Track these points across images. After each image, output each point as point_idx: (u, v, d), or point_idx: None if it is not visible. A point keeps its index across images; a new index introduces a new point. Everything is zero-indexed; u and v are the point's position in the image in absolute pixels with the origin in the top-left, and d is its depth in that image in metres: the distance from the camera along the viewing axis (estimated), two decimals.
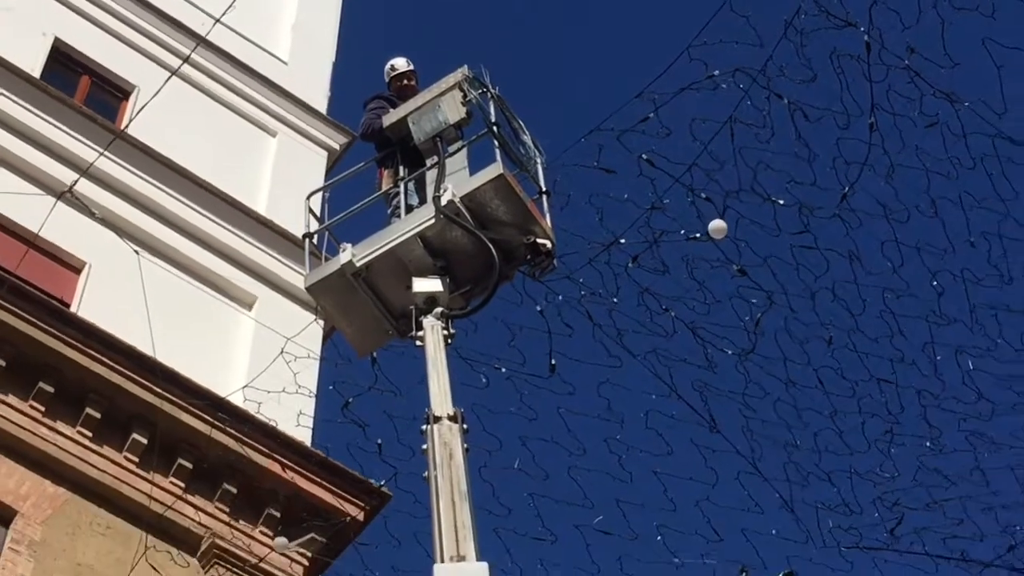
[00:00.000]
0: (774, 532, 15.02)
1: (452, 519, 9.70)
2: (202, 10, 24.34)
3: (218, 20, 18.77)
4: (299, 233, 15.99)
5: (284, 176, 24.52)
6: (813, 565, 14.59)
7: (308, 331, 19.87)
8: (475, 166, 12.47)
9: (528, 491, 14.76)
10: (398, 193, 13.10)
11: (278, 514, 19.73)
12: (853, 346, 13.73)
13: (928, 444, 13.80)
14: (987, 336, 13.37)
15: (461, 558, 9.31)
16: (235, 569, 19.09)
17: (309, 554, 19.74)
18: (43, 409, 18.94)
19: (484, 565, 9.10)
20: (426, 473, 10.49)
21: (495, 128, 12.58)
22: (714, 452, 14.75)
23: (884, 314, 13.58)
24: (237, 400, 19.45)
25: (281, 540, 18.24)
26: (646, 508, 15.13)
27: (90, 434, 19.11)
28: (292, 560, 19.59)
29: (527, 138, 12.96)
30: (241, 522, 19.58)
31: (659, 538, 15.08)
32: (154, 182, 22.48)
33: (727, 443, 14.55)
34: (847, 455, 14.22)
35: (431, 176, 12.56)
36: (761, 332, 13.68)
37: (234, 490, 19.62)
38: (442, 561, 9.29)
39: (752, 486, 14.83)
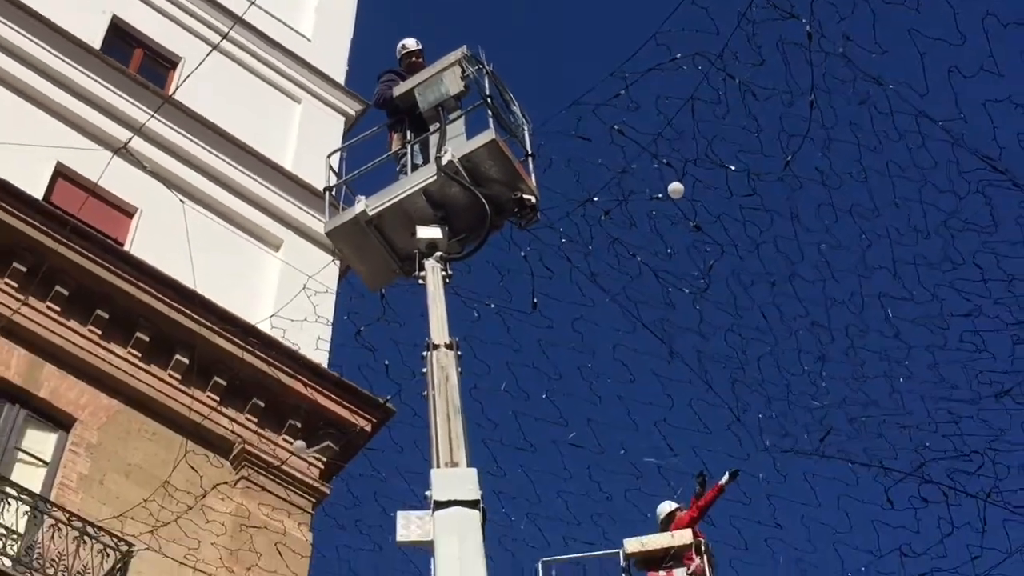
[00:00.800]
0: (719, 449, 15.11)
1: (447, 431, 9.67)
2: None
3: (253, 2, 18.70)
4: (320, 186, 15.95)
5: (307, 137, 24.42)
6: (754, 467, 14.68)
7: (326, 270, 19.87)
8: (471, 132, 12.42)
9: (512, 410, 14.78)
10: (405, 154, 13.04)
11: (299, 424, 19.79)
12: (793, 290, 13.75)
13: (853, 373, 13.84)
14: (905, 286, 13.39)
15: (454, 464, 9.28)
16: (261, 470, 19.16)
17: (324, 459, 19.83)
18: (100, 333, 18.95)
19: (473, 470, 9.09)
20: (425, 392, 10.45)
21: (489, 100, 12.53)
22: (671, 381, 14.79)
23: (819, 264, 13.60)
24: (265, 327, 19.46)
25: (300, 444, 18.32)
26: (611, 427, 15.18)
27: (139, 354, 19.14)
28: (310, 463, 19.67)
29: (516, 109, 12.91)
30: (267, 431, 19.65)
31: (622, 452, 15.15)
32: (196, 140, 22.41)
33: (683, 372, 14.57)
34: (784, 382, 14.26)
35: (434, 140, 12.51)
36: (713, 277, 13.70)
37: (261, 404, 19.68)
38: (438, 466, 9.26)
39: (702, 410, 14.87)
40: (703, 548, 14.51)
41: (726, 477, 14.97)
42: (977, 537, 13.67)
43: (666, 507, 15.32)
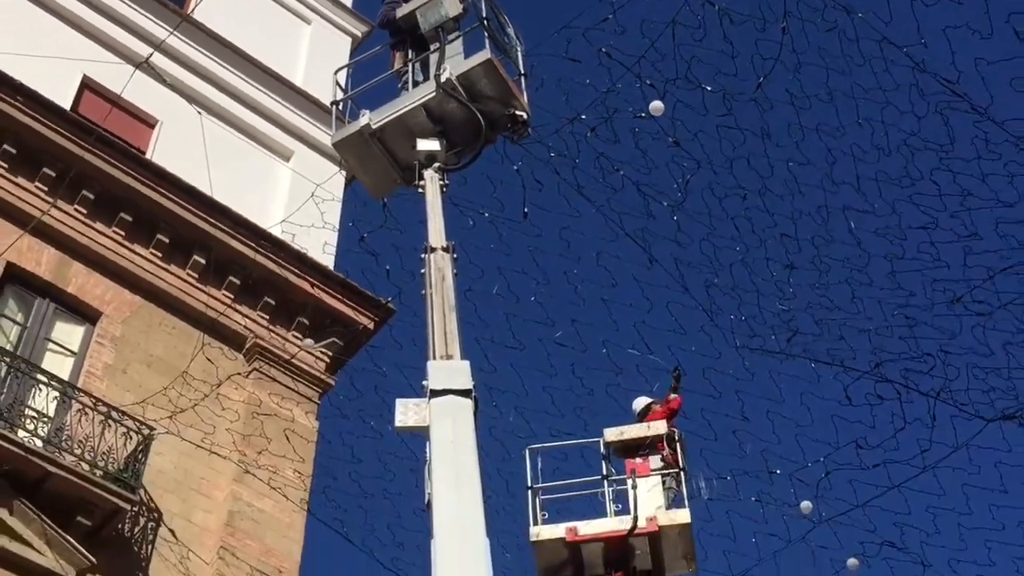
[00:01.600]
0: (693, 349, 15.18)
1: (443, 327, 9.70)
2: None
3: None
4: (328, 101, 15.89)
5: (316, 56, 24.23)
6: (725, 364, 14.75)
7: (333, 180, 19.87)
8: (469, 52, 12.34)
9: (503, 311, 14.86)
10: (407, 72, 12.98)
11: (306, 322, 19.85)
12: (763, 203, 13.77)
13: (818, 280, 13.88)
14: (867, 200, 13.40)
15: (449, 356, 9.33)
16: (272, 363, 19.25)
17: (330, 353, 19.93)
18: (123, 234, 18.96)
19: (466, 362, 9.13)
20: (423, 291, 10.50)
21: (485, 22, 12.45)
22: (650, 285, 14.83)
23: (787, 180, 13.60)
24: (276, 232, 19.47)
25: (308, 341, 18.38)
26: (594, 327, 15.24)
27: (160, 255, 19.16)
28: (316, 357, 19.77)
29: (511, 31, 12.81)
30: (277, 327, 19.72)
31: (604, 350, 15.23)
32: (214, 57, 22.23)
33: (662, 277, 14.60)
34: (754, 288, 14.31)
35: (434, 59, 12.42)
36: (690, 190, 13.70)
37: (272, 302, 19.73)
38: (434, 358, 9.31)
39: (678, 312, 14.93)
40: (676, 438, 14.64)
41: (673, 393, 15.06)
42: (927, 432, 13.81)
43: (642, 401, 15.43)
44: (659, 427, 14.64)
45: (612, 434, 14.69)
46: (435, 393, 8.73)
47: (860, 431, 14.09)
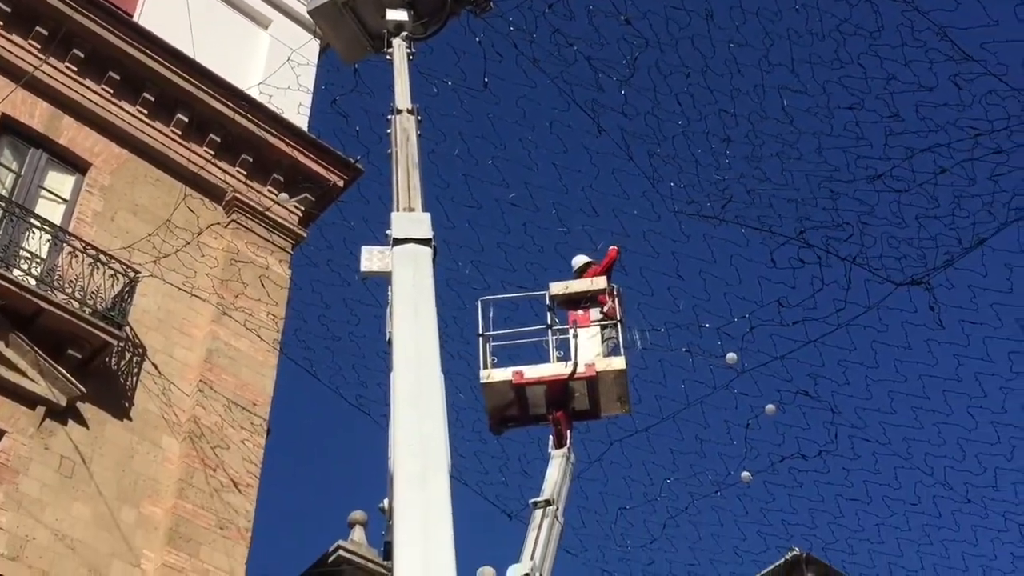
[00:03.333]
0: (635, 212, 15.28)
1: (406, 181, 9.73)
2: None
3: None
4: None
5: None
6: (663, 227, 14.90)
7: (308, 46, 19.67)
8: None
9: (462, 172, 14.90)
10: None
11: (281, 178, 19.75)
12: (704, 81, 13.80)
13: (752, 153, 13.97)
14: (800, 80, 13.45)
15: (411, 209, 9.37)
16: (249, 215, 19.22)
17: (302, 208, 19.90)
18: (112, 91, 18.74)
19: (427, 214, 9.18)
20: (390, 150, 10.56)
21: None
22: (598, 153, 14.88)
23: (727, 59, 13.61)
24: (254, 93, 19.30)
25: (283, 196, 18.32)
26: (545, 190, 15.30)
27: (146, 112, 18.97)
28: (290, 211, 19.75)
29: None
30: (254, 182, 19.63)
31: (554, 211, 15.32)
32: None
33: (609, 146, 14.66)
34: (693, 160, 14.37)
35: None
36: (638, 66, 13.70)
37: (250, 159, 19.62)
38: (397, 210, 9.39)
39: (623, 179, 15.02)
40: (615, 292, 14.76)
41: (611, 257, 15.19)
42: (843, 293, 14.06)
43: (581, 259, 15.47)
44: (600, 282, 14.76)
45: (557, 287, 14.78)
46: (397, 241, 8.78)
47: (783, 291, 14.33)
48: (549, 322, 14.45)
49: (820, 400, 15.10)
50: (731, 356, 14.88)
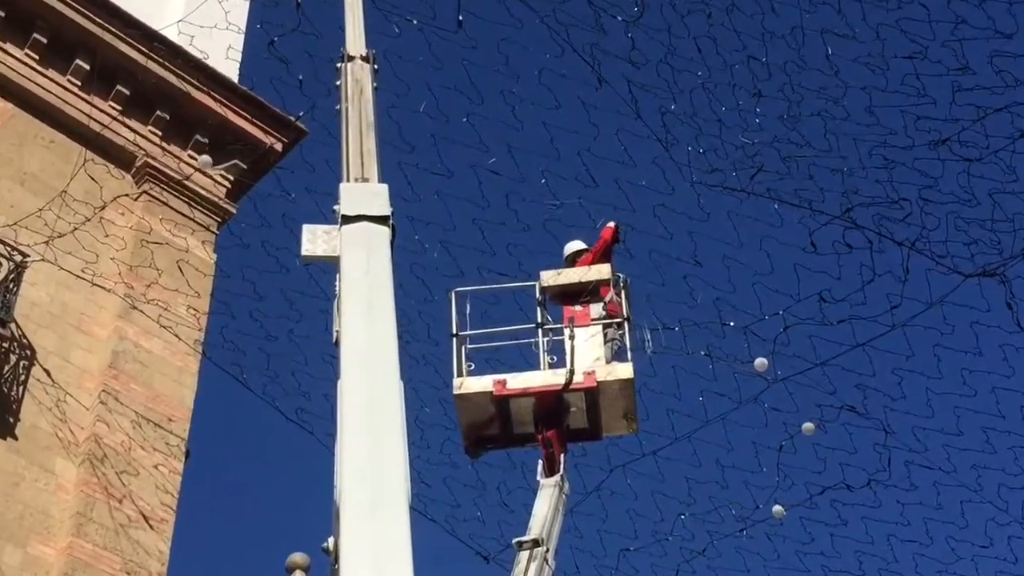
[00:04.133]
0: (643, 183, 15.22)
1: (359, 146, 9.72)
2: None
3: None
4: None
5: None
6: (678, 202, 14.83)
7: None
8: None
9: (429, 132, 14.83)
10: None
11: (205, 140, 19.79)
12: (730, 21, 13.73)
13: (788, 111, 13.92)
14: (848, 23, 13.39)
15: (365, 179, 9.35)
16: (165, 185, 19.16)
17: (231, 177, 19.89)
18: None
19: (384, 186, 9.13)
20: (339, 105, 10.49)
21: None
22: (598, 109, 14.84)
23: None
24: (172, 34, 19.19)
25: (206, 159, 18.16)
26: (533, 154, 15.27)
27: (36, 57, 18.92)
28: (216, 181, 19.71)
29: None
30: (171, 145, 19.64)
31: (543, 181, 15.28)
32: None
33: (611, 101, 14.61)
34: (716, 117, 14.32)
35: None
36: (647, 3, 13.63)
37: (166, 116, 19.61)
38: (348, 181, 9.33)
39: (629, 141, 14.97)
40: (621, 283, 14.67)
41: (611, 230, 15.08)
42: (898, 286, 14.02)
43: (574, 246, 15.46)
44: (603, 270, 14.72)
45: (549, 276, 14.77)
46: (347, 219, 8.68)
47: (825, 282, 14.34)
48: (539, 319, 14.41)
49: (870, 417, 15.16)
50: (761, 362, 14.89)
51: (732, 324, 15.02)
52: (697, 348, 15.20)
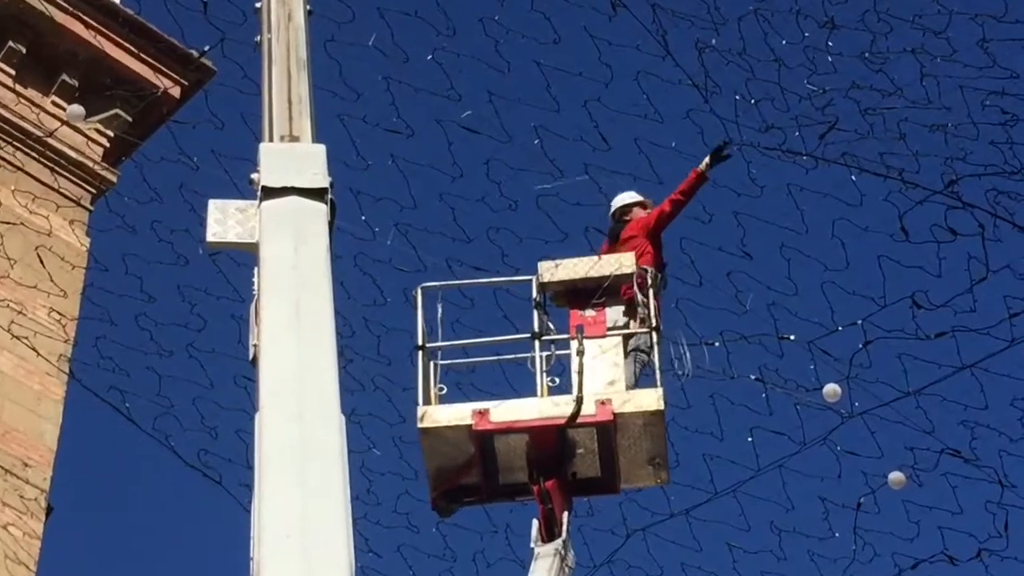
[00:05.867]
0: (673, 145, 15.29)
1: (286, 92, 9.77)
2: None
3: None
4: None
5: None
6: (721, 172, 14.90)
7: None
8: None
9: (381, 74, 14.91)
10: None
11: (75, 83, 19.83)
12: None
13: (871, 47, 14.06)
14: None
15: (294, 138, 9.42)
16: (19, 145, 19.23)
17: (111, 132, 19.94)
18: None
19: (321, 147, 9.21)
20: (259, 37, 10.58)
21: None
22: (612, 45, 14.90)
23: None
24: None
25: (76, 109, 18.29)
26: (524, 104, 15.34)
27: None
28: (89, 138, 19.77)
29: None
30: (28, 89, 19.68)
31: (537, 141, 15.30)
32: None
33: (630, 32, 14.74)
34: (772, 57, 14.46)
35: None
36: None
37: (22, 49, 19.66)
38: (271, 140, 9.42)
39: (654, 87, 15.07)
40: (649, 280, 14.45)
41: (706, 161, 14.89)
42: (1020, 287, 14.16)
43: (627, 197, 15.29)
44: (625, 261, 14.63)
45: (548, 270, 14.78)
46: (270, 192, 8.80)
47: (920, 281, 14.45)
48: (536, 328, 14.46)
49: (980, 465, 15.21)
50: (832, 389, 14.97)
51: (793, 338, 15.10)
52: (746, 370, 15.28)
